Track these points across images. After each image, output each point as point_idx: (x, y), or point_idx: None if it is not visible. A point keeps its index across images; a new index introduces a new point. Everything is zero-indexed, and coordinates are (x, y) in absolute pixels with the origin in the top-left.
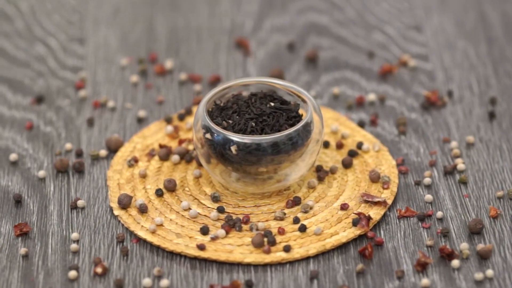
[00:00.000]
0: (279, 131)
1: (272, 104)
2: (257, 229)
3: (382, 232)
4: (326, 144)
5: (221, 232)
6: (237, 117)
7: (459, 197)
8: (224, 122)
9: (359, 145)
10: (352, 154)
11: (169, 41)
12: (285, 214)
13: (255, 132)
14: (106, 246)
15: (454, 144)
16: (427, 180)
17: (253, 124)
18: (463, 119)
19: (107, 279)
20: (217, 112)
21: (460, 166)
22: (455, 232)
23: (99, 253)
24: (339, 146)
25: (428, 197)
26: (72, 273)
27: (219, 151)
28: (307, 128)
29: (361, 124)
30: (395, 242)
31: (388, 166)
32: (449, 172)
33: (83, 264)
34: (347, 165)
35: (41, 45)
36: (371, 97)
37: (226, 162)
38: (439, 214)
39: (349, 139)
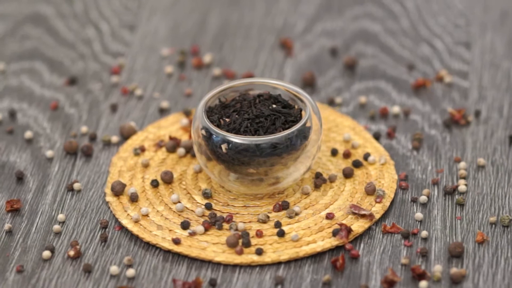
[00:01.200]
0: (273, 133)
1: (274, 106)
2: (236, 229)
3: (362, 245)
4: (334, 152)
5: (200, 228)
6: (236, 116)
7: (451, 219)
8: (221, 120)
9: (366, 156)
10: (357, 164)
11: (216, 36)
12: (268, 217)
13: (248, 133)
14: (89, 230)
15: (462, 164)
16: (422, 198)
17: (248, 124)
18: (482, 140)
19: (78, 262)
20: (219, 110)
21: (462, 187)
22: (435, 254)
23: (80, 237)
24: (346, 155)
25: (418, 215)
26: (46, 253)
27: (211, 148)
28: (303, 132)
29: (377, 136)
30: (372, 257)
31: (389, 180)
32: (449, 192)
33: (60, 246)
34: (347, 175)
35: (92, 28)
36: (395, 109)
37: (218, 160)
38: (424, 233)
39: (359, 149)
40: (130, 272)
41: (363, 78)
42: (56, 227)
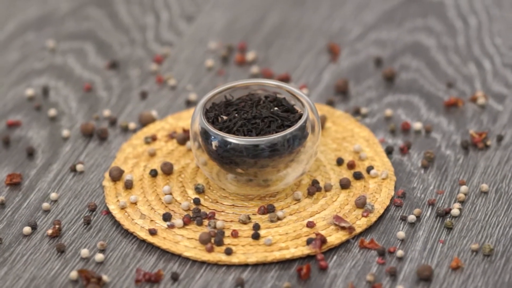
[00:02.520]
0: (265, 135)
1: (276, 109)
2: (214, 227)
3: (335, 257)
4: (339, 161)
5: (179, 222)
6: (236, 115)
7: (434, 241)
8: (219, 117)
9: (368, 169)
10: (357, 176)
11: (269, 34)
12: (249, 218)
13: (240, 133)
14: (77, 212)
15: (464, 188)
16: (411, 217)
17: (243, 124)
18: (495, 166)
19: (55, 241)
20: (222, 107)
21: (455, 211)
22: (404, 275)
23: (66, 217)
24: (350, 166)
25: (400, 234)
26: (26, 229)
27: (204, 144)
28: (296, 138)
29: (389, 150)
30: (340, 270)
31: (384, 196)
32: (441, 214)
33: (44, 224)
34: (343, 185)
35: (152, 16)
36: (417, 125)
37: (210, 157)
38: (400, 253)
39: (365, 161)
40: (99, 256)
41: (398, 91)
42: (45, 204)
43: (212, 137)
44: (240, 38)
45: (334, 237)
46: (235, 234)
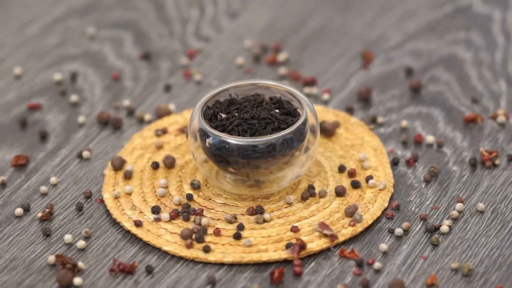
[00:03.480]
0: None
1: (277, 111)
2: (199, 224)
3: (312, 264)
4: (341, 169)
5: (165, 216)
6: (236, 114)
7: (415, 257)
8: (219, 114)
9: (367, 179)
10: (355, 185)
11: (306, 37)
12: (236, 218)
13: (234, 132)
14: (72, 197)
15: (459, 206)
16: (398, 231)
17: (238, 124)
18: (498, 186)
19: (42, 224)
20: (224, 105)
21: (444, 228)
22: (378, 287)
23: (61, 202)
24: (351, 174)
25: (383, 246)
26: (18, 211)
27: (200, 141)
28: (290, 141)
29: (395, 161)
30: (314, 277)
31: (376, 207)
32: (430, 230)
33: (39, 207)
34: (338, 193)
35: (197, 10)
36: (430, 139)
37: (206, 154)
38: (377, 265)
39: (367, 171)
40: (81, 243)
41: (420, 103)
42: (43, 188)
43: (206, 134)
44: (278, 38)
45: (315, 244)
46: (217, 233)
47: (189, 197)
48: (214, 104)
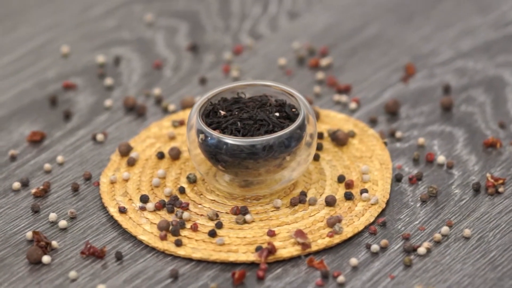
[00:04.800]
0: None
1: (277, 114)
2: (180, 217)
3: (279, 270)
4: (340, 179)
5: (150, 205)
6: (236, 113)
7: (383, 275)
8: (220, 111)
9: (362, 192)
10: (348, 196)
11: (357, 44)
12: (217, 216)
13: (227, 130)
14: (71, 178)
15: (445, 229)
16: (374, 247)
17: (233, 123)
18: (494, 214)
19: (34, 201)
20: (229, 102)
21: (421, 250)
22: None
23: (60, 180)
24: (348, 185)
25: (353, 260)
26: (16, 185)
27: (196, 135)
28: (279, 145)
29: (397, 178)
30: (275, 283)
31: (362, 221)
32: (407, 250)
33: (38, 183)
34: (328, 202)
35: (260, 6)
36: (441, 159)
37: (200, 148)
38: (340, 279)
39: (366, 184)
40: (62, 223)
41: (446, 122)
42: (47, 166)
43: (200, 130)
44: (329, 43)
45: (286, 251)
46: (194, 228)
47: (181, 190)
48: (219, 100)
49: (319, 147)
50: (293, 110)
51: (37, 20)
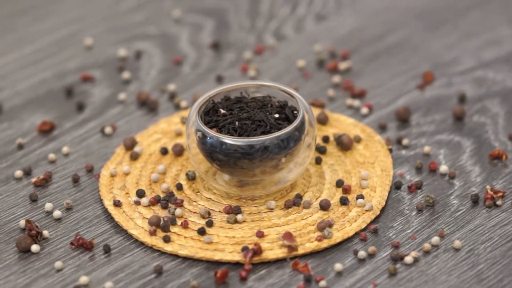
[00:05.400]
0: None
1: (277, 116)
2: (172, 214)
3: (263, 271)
4: (338, 183)
5: (144, 200)
6: (236, 112)
7: (366, 282)
8: (221, 110)
9: (358, 197)
10: (342, 201)
11: (380, 49)
12: (209, 214)
13: (224, 129)
14: (74, 169)
15: (436, 239)
16: (361, 254)
17: (231, 122)
18: (489, 226)
19: (33, 190)
20: (232, 101)
21: (408, 259)
22: None
23: (62, 171)
24: (345, 190)
25: (338, 266)
26: (18, 173)
27: (194, 132)
28: (273, 147)
29: (397, 185)
30: (257, 284)
31: (354, 226)
32: (395, 259)
33: (39, 172)
34: (322, 206)
35: (289, 8)
36: (443, 168)
37: (197, 145)
38: (322, 283)
39: (364, 190)
40: (57, 213)
41: (456, 131)
42: (51, 156)
43: (197, 128)
44: (351, 47)
45: (272, 252)
46: (185, 225)
47: (179, 187)
48: (222, 99)
49: (323, 151)
50: (294, 112)
51: (65, 11)
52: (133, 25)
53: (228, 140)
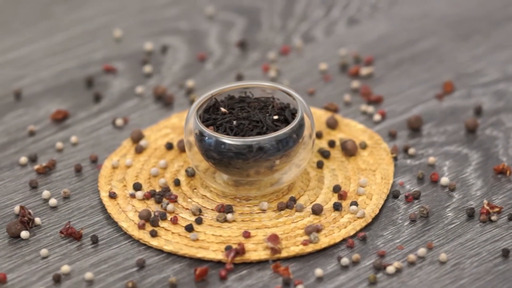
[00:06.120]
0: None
1: (275, 117)
2: (165, 209)
3: (244, 271)
4: (335, 189)
5: (139, 194)
6: (236, 110)
7: None
8: (222, 108)
9: (351, 204)
10: (336, 207)
11: (406, 56)
12: (200, 211)
13: (220, 129)
14: (80, 159)
15: (422, 251)
16: (344, 260)
17: (229, 121)
18: (480, 241)
19: (35, 177)
20: (234, 100)
21: (391, 268)
22: None
23: (67, 160)
24: (341, 196)
25: (318, 271)
26: (23, 159)
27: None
28: (267, 149)
29: (394, 194)
30: (236, 284)
31: (342, 233)
32: (377, 268)
33: (44, 160)
34: (314, 211)
35: (323, 10)
36: (444, 180)
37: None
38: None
39: (360, 197)
40: (52, 201)
41: (466, 144)
42: (59, 144)
43: (195, 126)
44: (377, 53)
45: (256, 253)
46: (174, 220)
47: (177, 182)
48: (226, 97)
49: (326, 155)
50: (295, 114)
51: (102, 1)
52: (165, 19)
53: (222, 139)
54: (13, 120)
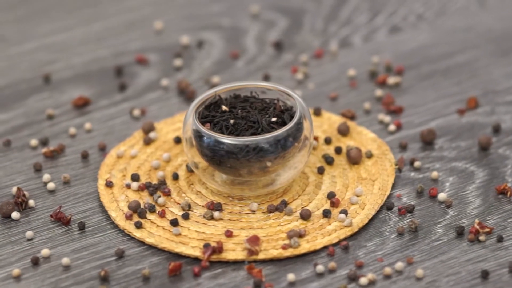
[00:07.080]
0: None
1: (274, 119)
2: (156, 201)
3: (219, 270)
4: (329, 195)
5: (134, 185)
6: (238, 111)
7: None
8: (223, 106)
9: (341, 212)
10: (325, 214)
11: (439, 68)
12: (189, 207)
13: (216, 127)
14: (88, 145)
15: (399, 265)
16: (319, 268)
17: (226, 120)
18: (462, 261)
19: (42, 160)
20: (238, 100)
21: (363, 280)
22: None
23: (76, 146)
24: (333, 203)
25: (290, 276)
26: (33, 142)
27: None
28: (260, 149)
29: (388, 206)
30: (207, 282)
31: (325, 240)
32: (351, 278)
33: (55, 144)
34: (302, 216)
35: (367, 17)
36: (442, 196)
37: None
38: None
39: (352, 206)
40: (50, 185)
41: (475, 161)
42: (72, 130)
43: (194, 124)
44: (410, 63)
45: (233, 253)
46: (161, 214)
47: (175, 176)
48: (231, 96)
49: (330, 161)
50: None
51: None
52: (208, 15)
53: (215, 137)
54: (35, 103)
